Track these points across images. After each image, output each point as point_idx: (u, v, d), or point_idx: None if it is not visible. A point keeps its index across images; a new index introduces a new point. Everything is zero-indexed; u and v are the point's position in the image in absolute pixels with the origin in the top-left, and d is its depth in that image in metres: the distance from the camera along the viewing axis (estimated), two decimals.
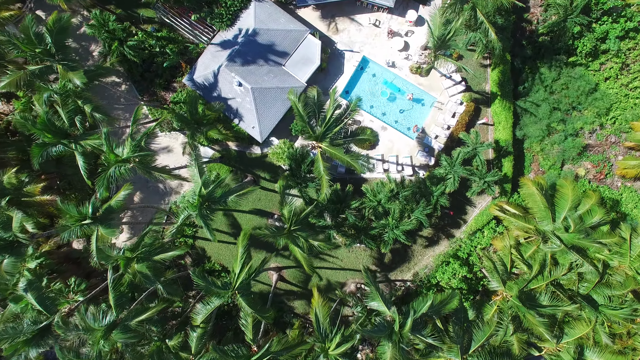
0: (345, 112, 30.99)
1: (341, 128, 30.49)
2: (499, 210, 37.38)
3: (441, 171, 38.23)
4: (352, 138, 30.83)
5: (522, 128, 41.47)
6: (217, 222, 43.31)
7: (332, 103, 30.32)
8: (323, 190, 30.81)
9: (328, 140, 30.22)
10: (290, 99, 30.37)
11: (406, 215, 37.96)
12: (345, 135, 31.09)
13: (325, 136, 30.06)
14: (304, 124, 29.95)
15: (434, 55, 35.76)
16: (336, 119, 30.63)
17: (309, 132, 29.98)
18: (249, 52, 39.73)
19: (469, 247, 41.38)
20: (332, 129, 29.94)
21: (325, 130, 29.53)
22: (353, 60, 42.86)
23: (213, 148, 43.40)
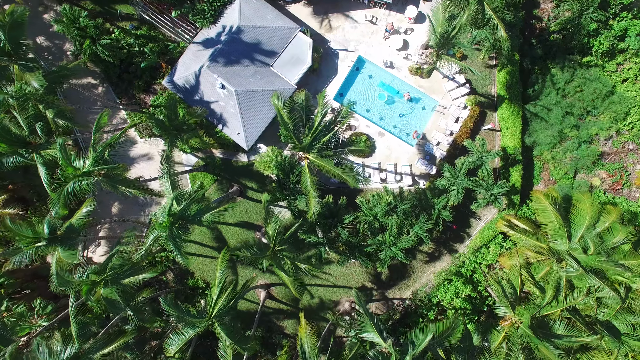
0: (337, 117, 26.84)
1: (332, 137, 26.38)
2: (507, 226, 33.20)
3: (443, 182, 34.08)
4: (344, 149, 26.80)
5: (531, 134, 37.27)
6: (200, 235, 39.26)
7: (320, 109, 26.19)
8: (311, 208, 26.75)
9: (316, 151, 26.13)
10: (274, 103, 26.26)
11: (405, 230, 33.85)
12: (337, 144, 27.02)
13: (312, 146, 25.96)
14: (288, 132, 25.84)
15: (436, 54, 31.57)
16: (326, 127, 26.53)
17: (294, 141, 25.87)
18: (233, 51, 35.61)
19: (473, 263, 37.24)
20: (321, 138, 25.85)
21: (313, 140, 25.44)
22: (348, 60, 38.70)
23: (197, 155, 39.33)
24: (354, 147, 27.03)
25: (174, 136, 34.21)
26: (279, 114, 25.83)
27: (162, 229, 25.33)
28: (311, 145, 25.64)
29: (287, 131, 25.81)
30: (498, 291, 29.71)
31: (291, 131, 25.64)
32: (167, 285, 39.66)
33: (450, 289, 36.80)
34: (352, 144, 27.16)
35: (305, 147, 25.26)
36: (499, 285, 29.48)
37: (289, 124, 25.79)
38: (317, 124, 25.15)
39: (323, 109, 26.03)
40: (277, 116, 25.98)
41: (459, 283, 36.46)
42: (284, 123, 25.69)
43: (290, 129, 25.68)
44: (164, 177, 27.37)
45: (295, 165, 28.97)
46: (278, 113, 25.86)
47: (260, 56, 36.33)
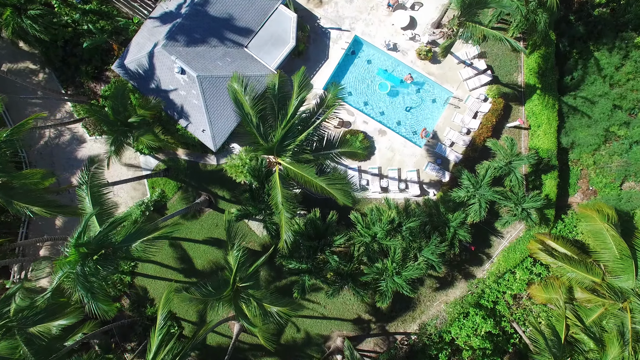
0: (319, 107, 18.39)
1: (311, 133, 17.96)
2: (542, 250, 24.74)
3: (461, 194, 25.57)
4: (329, 151, 18.41)
5: (568, 133, 28.71)
6: (161, 255, 30.92)
7: (296, 94, 17.77)
8: (282, 235, 18.45)
9: (290, 153, 17.71)
10: (232, 88, 17.83)
11: (411, 255, 25.41)
12: (320, 144, 18.61)
13: (284, 147, 17.55)
14: (250, 127, 17.43)
15: (457, 24, 23.03)
16: (304, 120, 18.11)
17: (257, 140, 17.47)
18: (197, 27, 27.18)
19: (495, 293, 28.73)
20: (296, 136, 17.43)
21: (285, 138, 16.98)
22: (341, 41, 30.24)
23: (157, 157, 30.95)
24: (345, 148, 18.55)
25: (122, 133, 25.90)
26: (235, 102, 17.42)
27: (68, 266, 16.91)
28: (282, 145, 17.23)
29: (249, 125, 17.40)
30: (537, 339, 21.26)
31: (254, 125, 17.25)
32: (122, 315, 31.34)
33: (466, 325, 28.35)
34: (342, 145, 18.68)
35: (274, 148, 16.82)
36: (539, 334, 21.03)
37: (252, 115, 17.40)
38: (290, 115, 16.69)
39: (299, 94, 17.58)
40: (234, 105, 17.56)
41: (478, 317, 27.99)
42: (245, 115, 17.29)
43: (253, 122, 17.28)
44: (82, 189, 18.98)
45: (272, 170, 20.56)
46: (234, 100, 17.44)
47: (231, 34, 27.91)
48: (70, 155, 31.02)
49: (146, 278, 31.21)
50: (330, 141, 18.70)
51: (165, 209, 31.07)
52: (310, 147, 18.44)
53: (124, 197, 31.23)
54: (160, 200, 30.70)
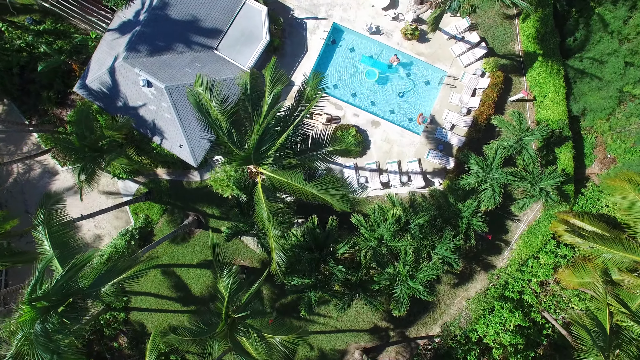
0: (298, 103, 15.48)
1: (292, 134, 15.05)
2: (568, 231, 21.83)
3: (471, 180, 22.71)
4: (317, 152, 15.51)
5: (577, 100, 25.81)
6: (153, 284, 28.10)
7: (268, 89, 14.90)
8: (273, 257, 15.57)
9: (271, 160, 14.83)
10: (193, 93, 14.93)
11: (424, 254, 22.54)
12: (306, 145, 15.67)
13: (263, 154, 14.66)
14: (220, 135, 14.55)
15: None
16: (283, 120, 15.23)
17: (229, 148, 14.58)
18: (158, 34, 24.32)
19: (520, 282, 25.89)
20: (275, 139, 14.55)
21: (261, 142, 14.07)
22: (320, 31, 27.37)
23: (136, 181, 28.10)
24: (335, 146, 15.65)
25: (91, 160, 23.16)
26: (198, 108, 14.51)
27: (23, 326, 13.99)
28: (260, 152, 14.33)
29: (218, 133, 14.53)
30: (581, 335, 18.36)
31: (224, 133, 14.38)
32: (122, 355, 28.50)
33: (493, 321, 25.50)
34: (331, 142, 15.79)
35: (251, 156, 13.95)
36: (584, 329, 18.12)
37: (222, 121, 14.52)
38: (264, 115, 13.77)
39: (272, 89, 14.69)
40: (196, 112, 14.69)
41: (505, 311, 25.13)
42: (211, 122, 14.40)
43: (223, 129, 14.40)
44: (38, 231, 16.09)
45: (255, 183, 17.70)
46: (196, 106, 14.55)
47: (198, 37, 25.06)
48: (43, 190, 28.18)
49: (142, 312, 28.37)
50: (317, 140, 15.82)
51: (152, 235, 28.25)
52: (294, 150, 15.58)
53: (107, 227, 28.39)
54: (146, 226, 27.85)
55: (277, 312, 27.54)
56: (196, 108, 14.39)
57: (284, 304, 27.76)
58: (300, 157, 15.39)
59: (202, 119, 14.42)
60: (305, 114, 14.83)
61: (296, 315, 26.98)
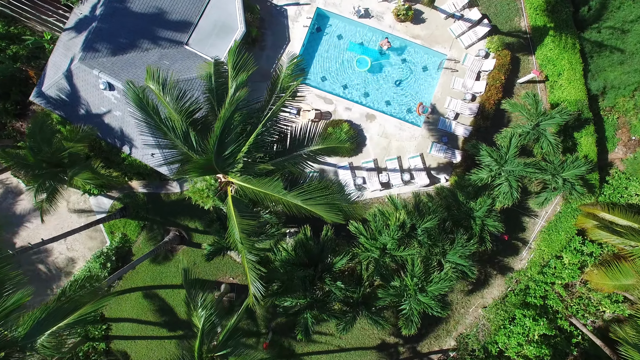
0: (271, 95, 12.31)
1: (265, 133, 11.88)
2: (599, 227, 18.66)
3: (483, 175, 19.50)
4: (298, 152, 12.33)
5: (596, 76, 22.57)
6: (135, 309, 24.97)
7: (231, 77, 11.79)
8: (250, 289, 12.39)
9: (241, 165, 11.67)
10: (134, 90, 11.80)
11: (434, 263, 19.35)
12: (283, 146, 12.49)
13: (228, 158, 11.43)
14: (172, 137, 11.41)
15: None
16: (254, 117, 12.06)
17: (184, 154, 11.43)
18: (119, 30, 21.18)
19: (543, 286, 22.69)
20: (242, 141, 11.35)
21: (223, 144, 10.78)
22: (302, 18, 24.19)
23: (110, 196, 24.97)
24: (320, 144, 12.39)
25: (51, 177, 20.08)
26: (140, 107, 11.39)
27: None
28: (222, 156, 11.04)
29: (170, 137, 11.38)
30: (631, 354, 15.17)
31: (179, 135, 11.23)
32: None
33: (515, 331, 22.29)
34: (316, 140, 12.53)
35: (212, 162, 10.73)
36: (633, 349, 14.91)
37: (176, 121, 11.38)
38: (225, 110, 10.56)
39: (236, 78, 11.53)
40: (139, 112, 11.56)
41: (528, 320, 21.91)
42: (159, 123, 11.25)
43: (177, 130, 11.25)
44: None
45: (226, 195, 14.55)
46: (137, 104, 11.42)
47: (165, 31, 21.90)
48: (8, 212, 25.07)
49: (124, 340, 25.24)
50: (298, 138, 12.64)
51: (131, 254, 25.12)
52: (270, 152, 12.44)
53: (81, 249, 25.27)
54: (123, 245, 24.73)
55: (272, 332, 24.41)
56: (137, 106, 11.28)
57: (280, 324, 24.62)
58: (277, 160, 12.24)
59: (148, 120, 11.30)
60: (280, 106, 11.69)
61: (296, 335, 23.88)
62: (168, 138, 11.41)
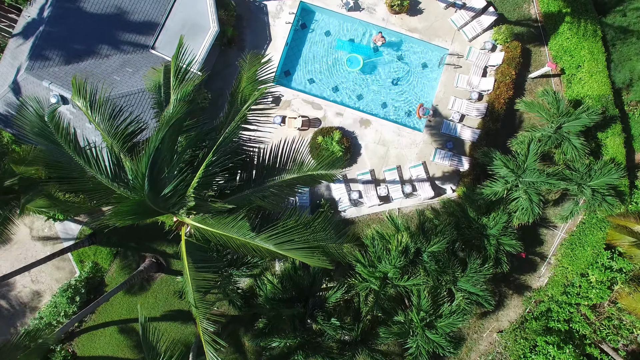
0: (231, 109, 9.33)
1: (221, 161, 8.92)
2: (636, 244, 15.65)
3: (497, 188, 16.46)
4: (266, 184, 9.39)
5: (619, 68, 19.48)
6: (110, 346, 22.03)
7: (173, 86, 8.90)
8: None
9: (192, 203, 8.71)
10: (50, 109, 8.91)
11: (444, 292, 16.36)
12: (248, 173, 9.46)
13: (171, 198, 8.47)
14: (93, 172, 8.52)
15: None
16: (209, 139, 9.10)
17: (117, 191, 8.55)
18: (72, 34, 18.18)
19: (567, 308, 19.71)
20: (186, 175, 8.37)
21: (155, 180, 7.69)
22: (284, 13, 21.17)
23: (78, 221, 22.04)
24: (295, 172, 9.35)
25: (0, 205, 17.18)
26: (40, 134, 8.48)
27: None
28: (158, 194, 8.04)
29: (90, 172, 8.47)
30: None
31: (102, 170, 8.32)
32: None
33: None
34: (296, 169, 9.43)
35: (145, 203, 7.77)
36: None
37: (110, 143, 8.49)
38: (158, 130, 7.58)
39: (179, 90, 8.57)
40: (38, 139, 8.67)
41: (552, 348, 18.91)
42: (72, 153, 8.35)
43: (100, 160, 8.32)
44: None
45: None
46: (34, 133, 8.51)
47: (126, 34, 18.92)
48: None
49: None
50: (266, 165, 9.60)
51: (103, 285, 22.22)
52: (231, 184, 9.48)
53: (47, 281, 22.37)
54: (95, 276, 21.83)
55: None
56: (35, 133, 8.36)
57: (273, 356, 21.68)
58: (240, 195, 9.30)
59: (56, 151, 8.38)
60: (238, 123, 8.72)
61: None
62: (87, 176, 8.51)
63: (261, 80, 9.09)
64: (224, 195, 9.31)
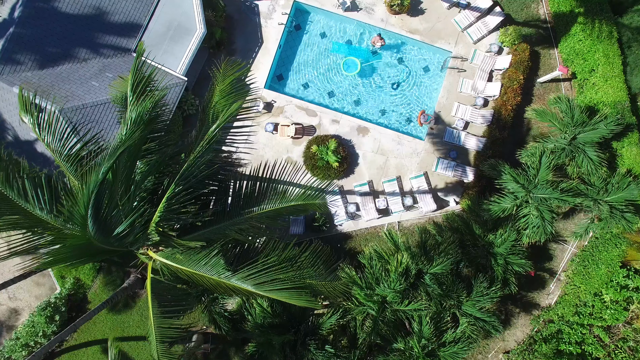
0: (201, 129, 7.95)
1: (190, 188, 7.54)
2: None
3: (506, 205, 15.02)
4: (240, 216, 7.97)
5: (635, 71, 18.03)
6: None
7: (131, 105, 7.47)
8: None
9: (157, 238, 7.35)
10: None
11: (446, 317, 14.96)
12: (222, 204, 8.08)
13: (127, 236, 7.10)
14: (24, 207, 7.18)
15: None
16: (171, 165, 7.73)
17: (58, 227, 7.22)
18: (46, 36, 16.75)
19: (578, 329, 18.30)
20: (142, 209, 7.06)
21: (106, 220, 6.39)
22: (277, 14, 19.74)
23: None
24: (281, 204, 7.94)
25: None
26: None
27: None
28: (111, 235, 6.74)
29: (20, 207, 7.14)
30: None
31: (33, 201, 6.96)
32: None
33: None
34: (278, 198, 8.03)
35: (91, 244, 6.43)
36: None
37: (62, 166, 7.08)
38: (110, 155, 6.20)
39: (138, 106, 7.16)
40: None
41: None
42: None
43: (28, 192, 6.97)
44: None
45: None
46: None
47: (106, 36, 17.51)
48: None
49: None
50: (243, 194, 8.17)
51: (86, 302, 20.86)
52: (204, 215, 8.09)
53: (26, 298, 21.01)
54: (76, 292, 20.45)
55: None
56: None
57: None
58: (212, 229, 7.90)
59: None
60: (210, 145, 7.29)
61: None
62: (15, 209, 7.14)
63: (238, 93, 7.67)
64: (194, 228, 7.93)
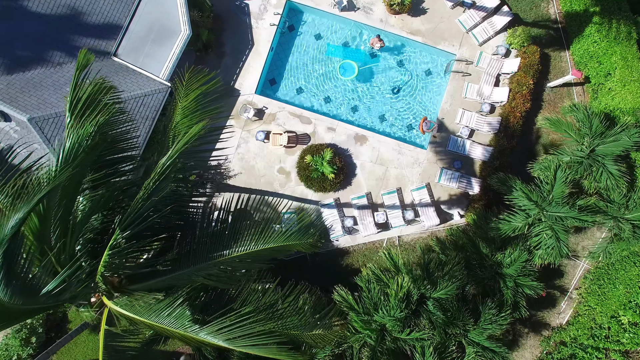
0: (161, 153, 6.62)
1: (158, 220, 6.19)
2: None
3: (517, 223, 13.63)
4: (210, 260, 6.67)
5: None
6: None
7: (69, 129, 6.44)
8: None
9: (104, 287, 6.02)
10: None
11: (451, 347, 13.56)
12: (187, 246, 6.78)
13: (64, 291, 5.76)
14: None
15: None
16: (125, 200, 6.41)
17: None
18: (15, 37, 15.38)
19: (594, 354, 16.92)
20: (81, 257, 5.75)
21: (10, 271, 5.06)
22: (269, 14, 18.33)
23: None
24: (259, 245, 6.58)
25: None
26: None
27: None
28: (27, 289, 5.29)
29: None
30: None
31: None
32: None
33: None
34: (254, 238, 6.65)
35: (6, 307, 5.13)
36: None
37: None
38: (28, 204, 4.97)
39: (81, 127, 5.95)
40: None
41: None
42: None
43: None
44: None
45: None
46: None
47: (83, 38, 16.10)
48: None
49: None
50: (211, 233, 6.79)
51: (66, 322, 19.48)
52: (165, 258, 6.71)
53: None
54: (55, 311, 19.09)
55: None
56: None
57: None
58: (175, 275, 6.50)
59: None
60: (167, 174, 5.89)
61: None
62: None
63: (204, 112, 6.28)
64: (154, 273, 6.56)
